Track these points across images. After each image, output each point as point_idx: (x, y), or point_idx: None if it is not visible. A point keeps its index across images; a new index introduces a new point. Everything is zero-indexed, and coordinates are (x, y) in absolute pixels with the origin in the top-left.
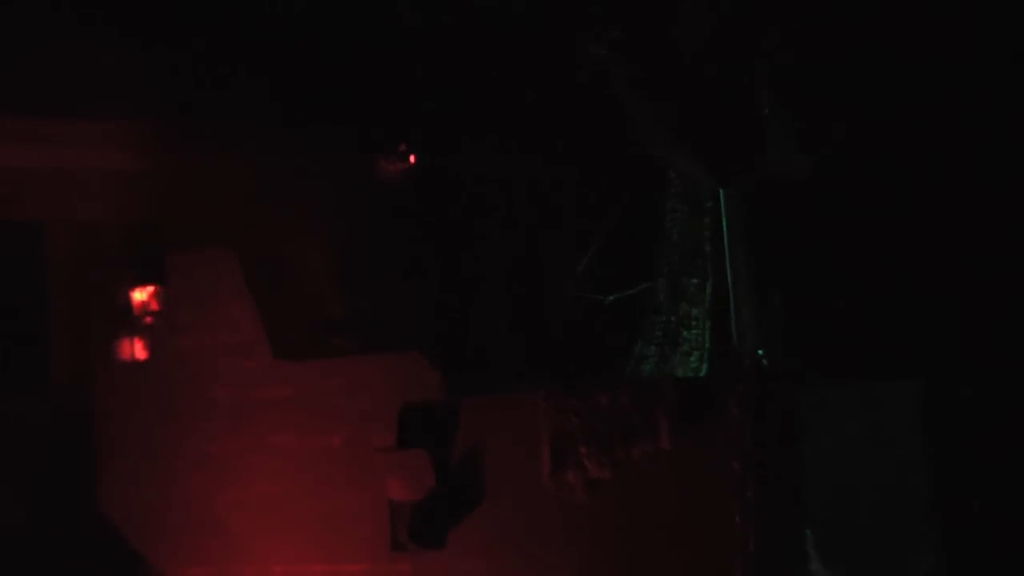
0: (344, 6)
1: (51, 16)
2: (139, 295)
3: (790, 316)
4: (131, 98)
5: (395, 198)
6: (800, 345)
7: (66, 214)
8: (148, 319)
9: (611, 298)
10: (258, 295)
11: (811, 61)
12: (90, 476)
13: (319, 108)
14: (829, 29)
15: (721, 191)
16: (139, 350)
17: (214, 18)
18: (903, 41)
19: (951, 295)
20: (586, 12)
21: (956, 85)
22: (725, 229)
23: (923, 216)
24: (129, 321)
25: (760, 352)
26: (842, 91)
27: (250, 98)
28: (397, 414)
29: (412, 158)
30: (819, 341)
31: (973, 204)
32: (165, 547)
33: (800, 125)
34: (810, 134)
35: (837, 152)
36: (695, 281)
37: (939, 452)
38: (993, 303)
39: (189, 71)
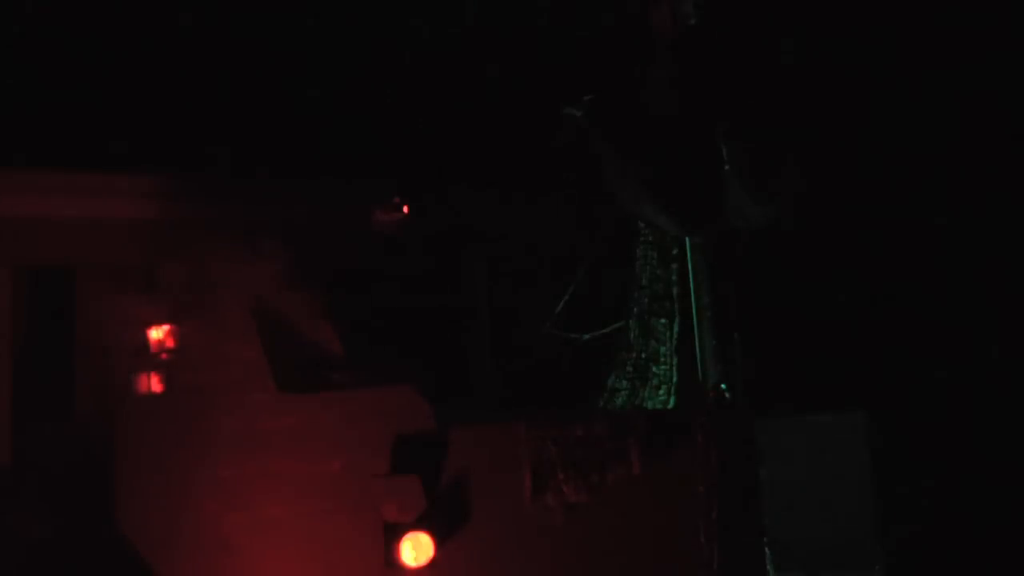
0: (340, 65)
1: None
2: (156, 334)
3: (748, 353)
4: (152, 154)
5: (388, 246)
6: (757, 379)
7: (91, 259)
8: (164, 355)
9: (587, 336)
10: (263, 334)
11: (765, 122)
12: (110, 498)
13: (320, 163)
14: (781, 88)
15: (687, 240)
16: (155, 384)
17: (222, 76)
18: (851, 97)
19: (892, 337)
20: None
21: (899, 139)
22: (691, 275)
23: (863, 264)
24: (147, 357)
25: (722, 386)
26: (794, 149)
27: (256, 155)
28: (391, 443)
29: (405, 208)
30: (774, 376)
31: (909, 251)
32: (178, 565)
33: (755, 181)
34: (763, 189)
35: (788, 206)
36: (663, 321)
37: (881, 477)
38: (931, 347)
39: (201, 128)
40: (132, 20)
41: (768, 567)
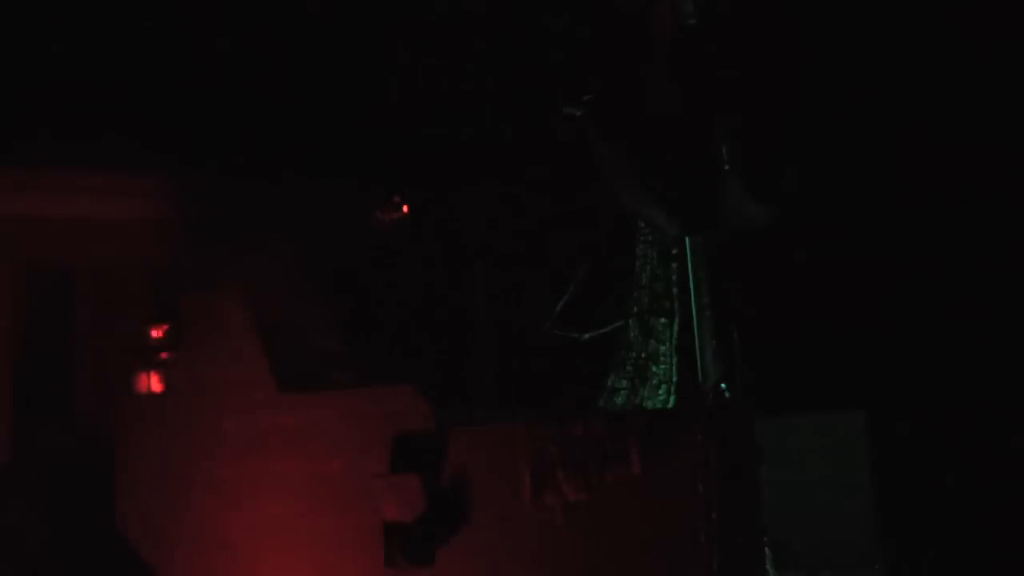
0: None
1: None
2: (156, 334)
3: (748, 352)
4: (150, 154)
5: (389, 245)
6: (756, 379)
7: (91, 259)
8: (163, 355)
9: (587, 336)
10: (263, 333)
11: (762, 120)
12: (110, 497)
13: (320, 163)
14: (780, 86)
15: (686, 239)
16: (155, 383)
17: (221, 78)
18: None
19: (891, 335)
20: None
21: (897, 135)
22: (690, 273)
23: (862, 262)
24: (146, 356)
25: (722, 385)
26: (791, 147)
27: (256, 155)
28: (391, 442)
29: (405, 208)
30: (775, 376)
31: (910, 250)
32: (178, 565)
33: (753, 179)
34: (762, 188)
35: (787, 204)
36: (663, 320)
37: (881, 476)
38: (931, 343)
39: (201, 131)
40: (131, 20)
41: (768, 567)
